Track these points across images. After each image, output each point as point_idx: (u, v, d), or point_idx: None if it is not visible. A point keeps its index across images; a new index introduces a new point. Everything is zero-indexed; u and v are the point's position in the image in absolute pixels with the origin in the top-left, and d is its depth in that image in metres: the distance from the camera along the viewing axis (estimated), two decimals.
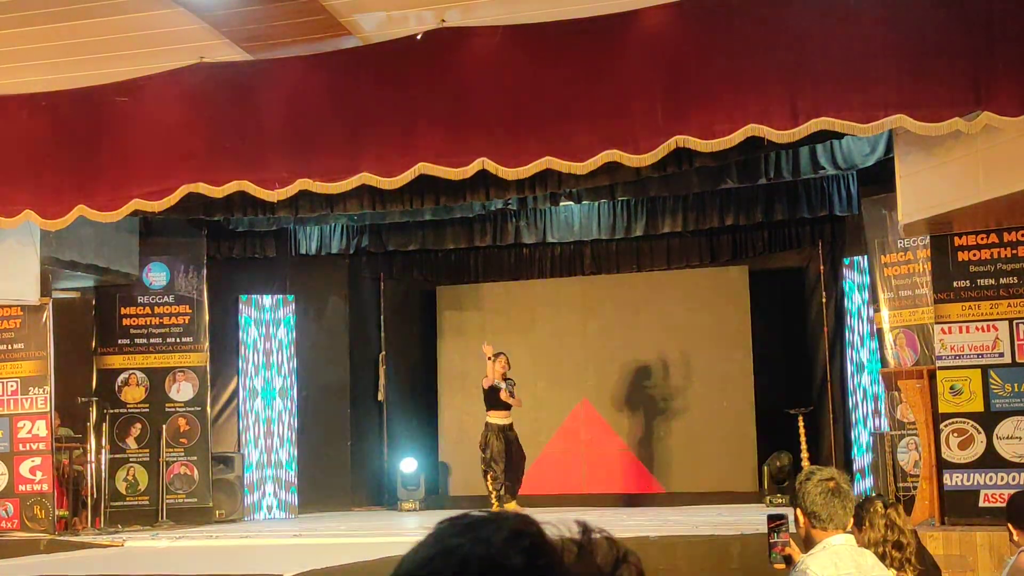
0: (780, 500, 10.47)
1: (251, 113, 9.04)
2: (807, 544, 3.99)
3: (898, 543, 4.71)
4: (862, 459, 10.88)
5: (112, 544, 9.33)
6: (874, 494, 7.43)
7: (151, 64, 9.13)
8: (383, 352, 13.24)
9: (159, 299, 11.84)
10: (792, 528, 4.12)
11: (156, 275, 11.86)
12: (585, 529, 1.05)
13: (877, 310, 10.17)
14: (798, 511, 4.01)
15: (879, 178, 9.78)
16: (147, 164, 9.15)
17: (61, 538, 9.86)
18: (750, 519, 9.31)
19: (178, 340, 11.82)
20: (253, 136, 8.99)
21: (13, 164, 9.45)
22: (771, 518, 4.25)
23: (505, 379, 11.16)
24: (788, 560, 4.13)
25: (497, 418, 11.17)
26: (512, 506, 10.76)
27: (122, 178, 9.20)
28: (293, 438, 12.48)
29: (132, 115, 9.24)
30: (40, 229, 9.74)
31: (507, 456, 11.06)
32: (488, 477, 11.06)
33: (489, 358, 11.07)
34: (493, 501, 10.98)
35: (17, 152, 9.50)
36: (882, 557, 4.53)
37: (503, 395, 11.12)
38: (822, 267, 11.84)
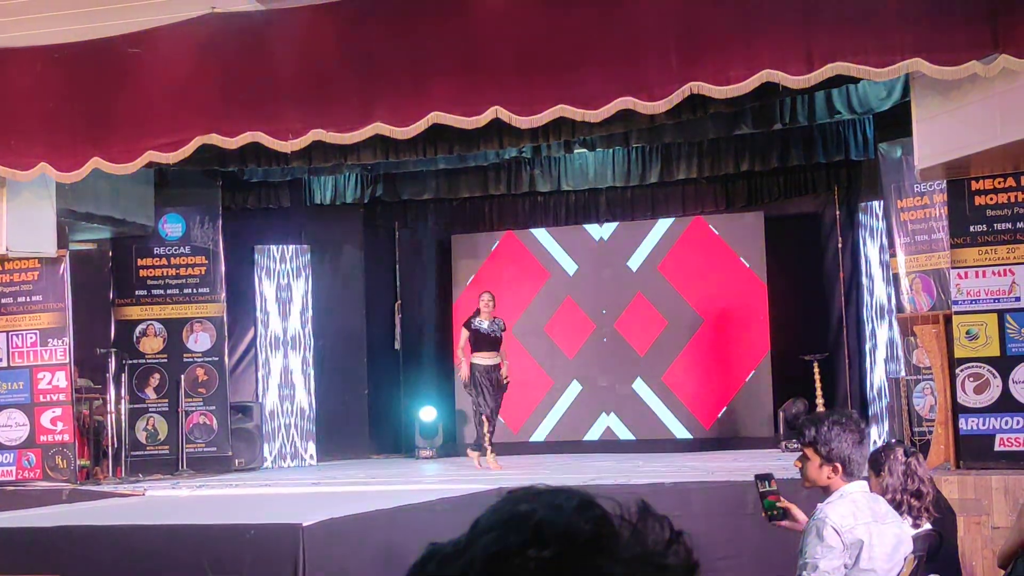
0: (796, 446, 10.49)
1: (263, 64, 9.01)
2: (824, 491, 4.02)
3: (917, 492, 4.73)
4: (877, 404, 10.89)
5: (133, 493, 9.43)
6: (894, 440, 7.46)
7: (163, 15, 9.10)
8: (399, 301, 13.28)
9: (175, 250, 11.87)
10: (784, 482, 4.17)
11: (172, 226, 11.89)
12: (641, 508, 1.08)
13: (893, 255, 10.13)
14: (816, 455, 4.02)
15: (895, 122, 9.70)
16: (161, 116, 9.14)
17: (83, 488, 9.97)
18: (766, 465, 9.35)
19: (195, 291, 11.86)
20: (266, 87, 8.97)
21: (27, 117, 9.45)
22: (759, 477, 4.32)
23: (492, 320, 10.65)
24: (785, 513, 4.20)
25: (482, 359, 10.62)
26: (491, 459, 10.46)
27: (136, 130, 9.20)
28: (311, 387, 12.56)
29: (145, 66, 9.22)
30: (56, 182, 9.76)
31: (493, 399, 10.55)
32: (484, 421, 10.53)
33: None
34: (485, 445, 10.51)
35: (31, 105, 9.49)
36: (898, 504, 4.56)
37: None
38: (838, 212, 11.78)
